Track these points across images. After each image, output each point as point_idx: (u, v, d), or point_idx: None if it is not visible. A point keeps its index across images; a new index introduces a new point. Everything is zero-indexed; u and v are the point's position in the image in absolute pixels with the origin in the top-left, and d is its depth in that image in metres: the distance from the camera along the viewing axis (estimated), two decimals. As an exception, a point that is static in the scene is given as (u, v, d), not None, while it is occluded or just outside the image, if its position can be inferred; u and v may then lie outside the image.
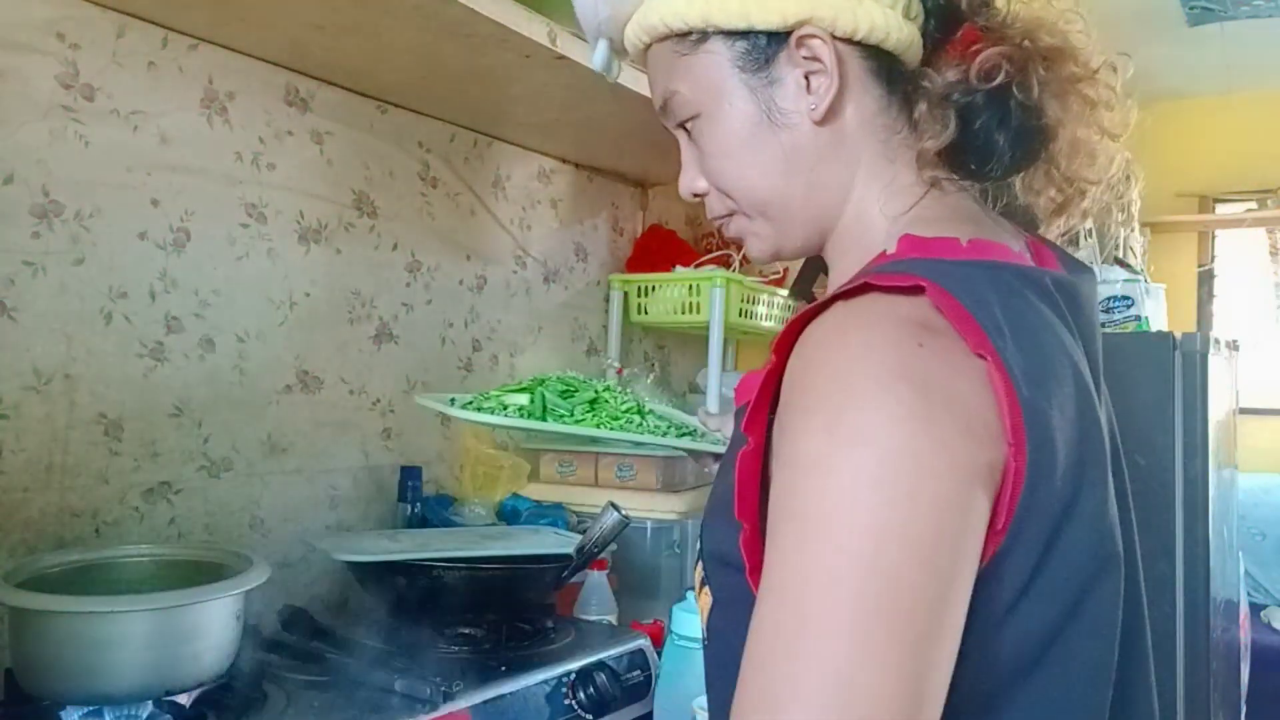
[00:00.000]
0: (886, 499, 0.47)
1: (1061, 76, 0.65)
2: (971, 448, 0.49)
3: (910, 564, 0.46)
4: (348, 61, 1.33)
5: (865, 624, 0.45)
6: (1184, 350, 1.78)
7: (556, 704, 1.08)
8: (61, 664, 0.84)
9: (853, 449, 0.48)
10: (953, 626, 0.48)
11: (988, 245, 0.62)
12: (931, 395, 0.49)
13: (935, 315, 0.53)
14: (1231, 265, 4.39)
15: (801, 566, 0.48)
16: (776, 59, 0.67)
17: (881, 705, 0.45)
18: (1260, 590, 3.14)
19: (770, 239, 0.72)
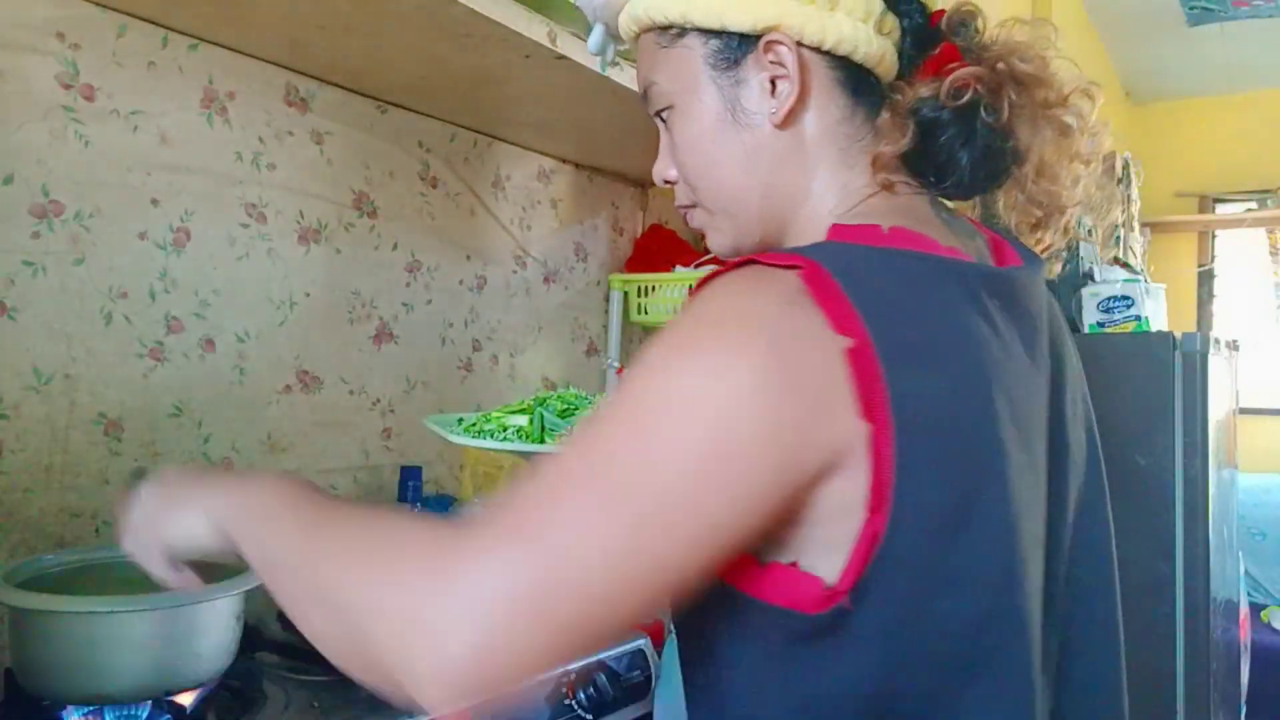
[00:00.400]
0: (680, 415, 0.52)
1: (1034, 101, 0.67)
2: (794, 410, 0.52)
3: (668, 467, 0.51)
4: (348, 61, 1.33)
5: (609, 503, 0.50)
6: (1184, 350, 1.78)
7: (556, 704, 1.08)
8: (61, 664, 0.84)
9: (683, 364, 0.53)
10: (692, 541, 0.51)
11: (911, 236, 0.63)
12: (771, 353, 0.52)
13: (801, 291, 0.54)
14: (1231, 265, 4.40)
15: (599, 434, 0.53)
16: (745, 60, 0.69)
17: (588, 571, 0.49)
18: (1260, 590, 3.14)
19: (729, 234, 0.75)
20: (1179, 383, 1.78)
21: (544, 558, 0.49)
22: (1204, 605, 1.73)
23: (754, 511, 0.52)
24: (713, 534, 0.52)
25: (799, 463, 0.52)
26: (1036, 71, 0.67)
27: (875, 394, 0.53)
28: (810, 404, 0.52)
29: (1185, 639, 1.72)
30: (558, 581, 0.49)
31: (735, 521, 0.52)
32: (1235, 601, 2.19)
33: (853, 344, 0.53)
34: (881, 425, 0.53)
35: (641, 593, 0.51)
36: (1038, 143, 0.67)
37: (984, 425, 0.57)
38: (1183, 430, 1.77)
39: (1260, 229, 4.20)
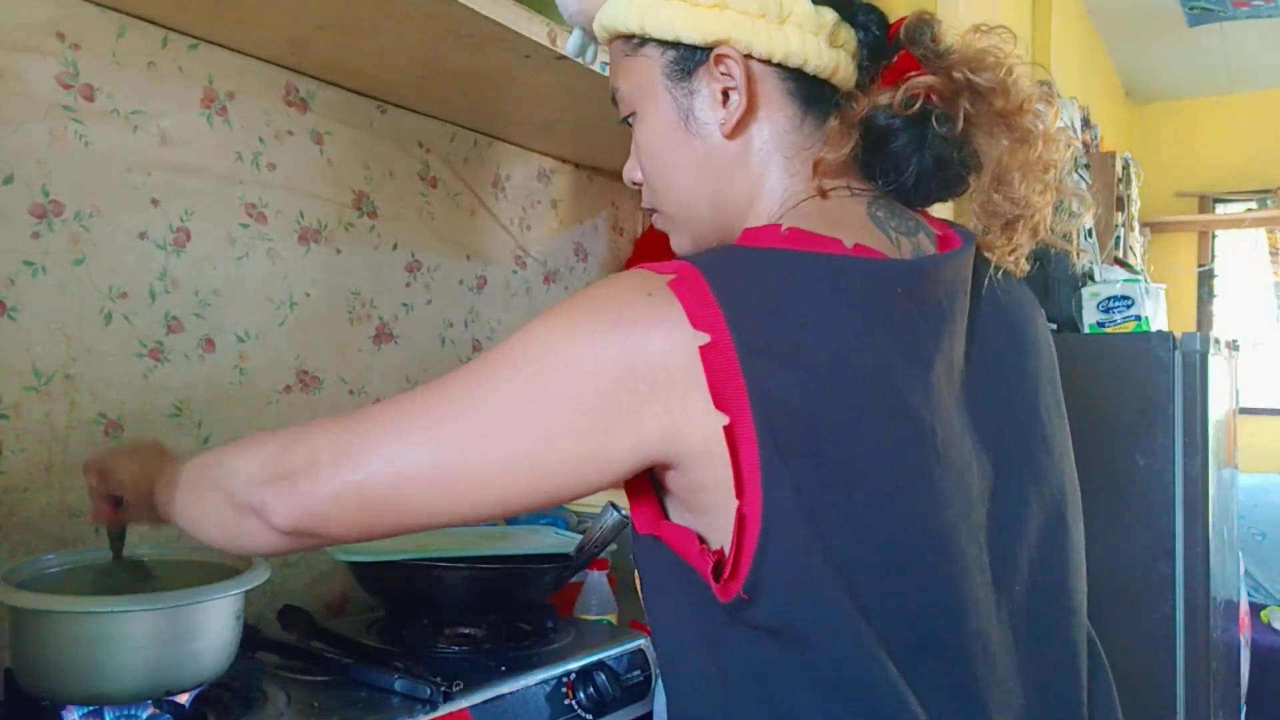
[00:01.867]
0: (529, 373, 0.60)
1: (992, 110, 0.69)
2: (628, 389, 0.58)
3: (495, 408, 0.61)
4: (348, 61, 1.33)
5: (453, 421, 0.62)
6: (1184, 350, 1.79)
7: (556, 704, 1.08)
8: (61, 664, 0.84)
9: (536, 337, 0.61)
10: (492, 464, 0.61)
11: (808, 237, 0.65)
12: (612, 327, 0.59)
13: (665, 291, 0.59)
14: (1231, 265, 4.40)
15: (455, 378, 0.63)
16: (698, 72, 0.72)
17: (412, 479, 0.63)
18: (1260, 590, 3.14)
19: (687, 236, 0.79)
20: (1179, 383, 1.78)
21: (364, 473, 0.63)
22: (1204, 605, 1.73)
23: (568, 458, 0.60)
24: (524, 468, 0.61)
25: (629, 433, 0.59)
26: (993, 80, 0.68)
27: (731, 387, 0.57)
28: (648, 387, 0.58)
29: (1185, 639, 1.72)
30: (366, 493, 0.63)
31: (549, 463, 0.60)
32: (1235, 601, 2.19)
33: (709, 340, 0.57)
34: (739, 416, 0.57)
35: (449, 499, 0.63)
36: (995, 151, 0.69)
37: (875, 419, 0.59)
38: (1183, 430, 1.77)
39: (1260, 229, 4.20)
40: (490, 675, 1.06)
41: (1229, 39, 3.60)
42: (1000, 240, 0.71)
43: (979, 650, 0.63)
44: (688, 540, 0.62)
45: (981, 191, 0.69)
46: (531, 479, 0.62)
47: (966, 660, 0.62)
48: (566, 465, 0.61)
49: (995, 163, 0.68)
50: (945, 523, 0.61)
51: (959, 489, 0.63)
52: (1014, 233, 0.70)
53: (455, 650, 1.18)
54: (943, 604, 0.61)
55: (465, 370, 0.64)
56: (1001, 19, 0.74)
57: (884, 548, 0.60)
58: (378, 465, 0.63)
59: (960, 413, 0.65)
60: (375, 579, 1.24)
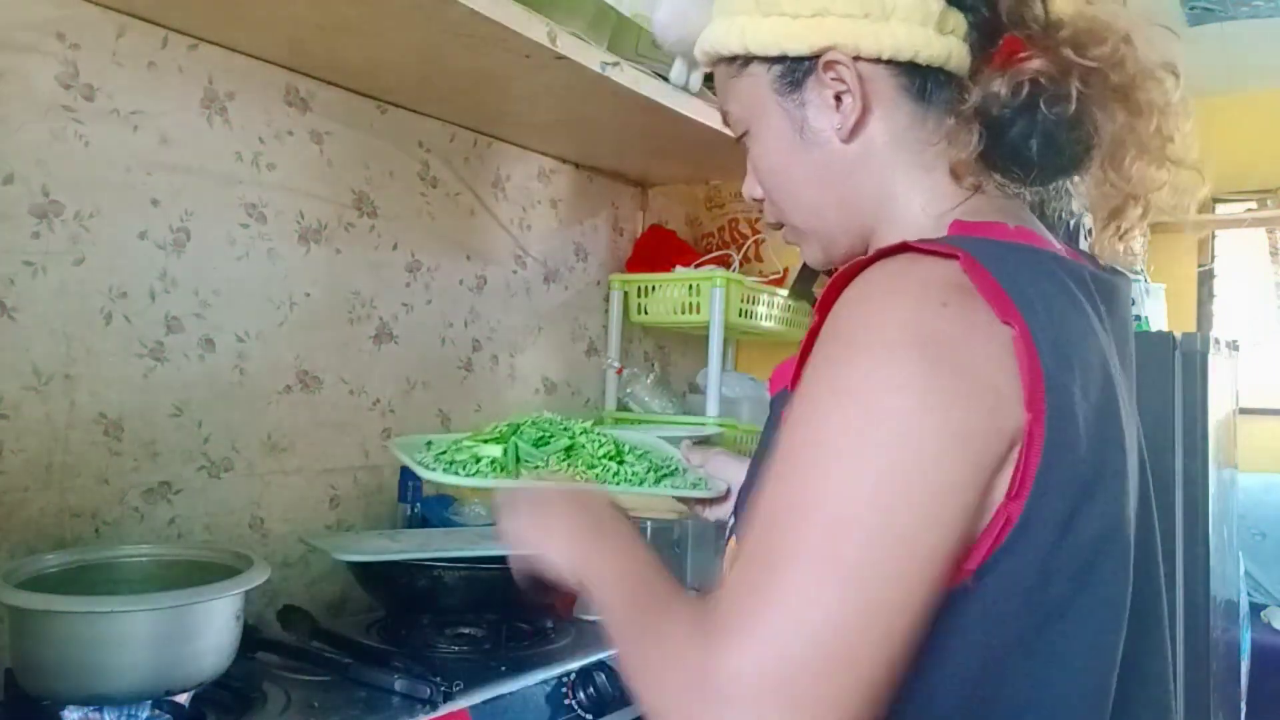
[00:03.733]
0: (863, 452, 0.52)
1: (1106, 85, 0.66)
2: (975, 412, 0.53)
3: (867, 510, 0.51)
4: (348, 61, 1.33)
5: (812, 554, 0.51)
6: (1184, 350, 1.78)
7: (556, 704, 1.08)
8: (61, 664, 0.84)
9: (849, 399, 0.54)
10: (910, 574, 0.51)
11: (1031, 234, 0.64)
12: (940, 360, 0.53)
13: (965, 279, 0.56)
14: (1231, 265, 4.39)
15: (791, 493, 0.54)
16: (807, 82, 0.71)
17: (831, 626, 0.50)
18: (1260, 590, 3.13)
19: (818, 247, 0.77)
20: (1179, 383, 1.78)
21: (779, 648, 0.50)
22: (1204, 605, 1.73)
23: (958, 519, 0.53)
24: (930, 556, 0.52)
25: (987, 461, 0.53)
26: (1104, 55, 0.65)
27: (1035, 384, 0.54)
28: (990, 400, 0.53)
29: (1185, 639, 1.72)
30: (800, 666, 0.49)
31: (945, 536, 0.52)
32: (1235, 601, 2.19)
33: (1016, 333, 0.54)
34: (1038, 415, 0.54)
35: (882, 642, 0.51)
36: (1110, 127, 0.66)
37: (1108, 422, 0.59)
38: (1183, 430, 1.77)
39: (1260, 229, 4.20)
40: (490, 675, 1.06)
41: (1229, 39, 3.60)
42: (1110, 225, 0.69)
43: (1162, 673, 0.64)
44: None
45: (1096, 170, 0.67)
46: (933, 565, 0.52)
47: (1161, 679, 0.63)
48: (958, 530, 0.53)
49: (1109, 139, 0.66)
50: (1128, 537, 0.61)
51: (1132, 499, 0.63)
52: (1123, 217, 0.68)
53: (455, 650, 1.18)
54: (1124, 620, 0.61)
55: (808, 482, 0.54)
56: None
57: (1101, 559, 0.59)
58: (801, 650, 0.50)
59: (1131, 424, 0.65)
60: (375, 579, 1.24)
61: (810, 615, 0.50)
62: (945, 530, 0.52)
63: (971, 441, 0.53)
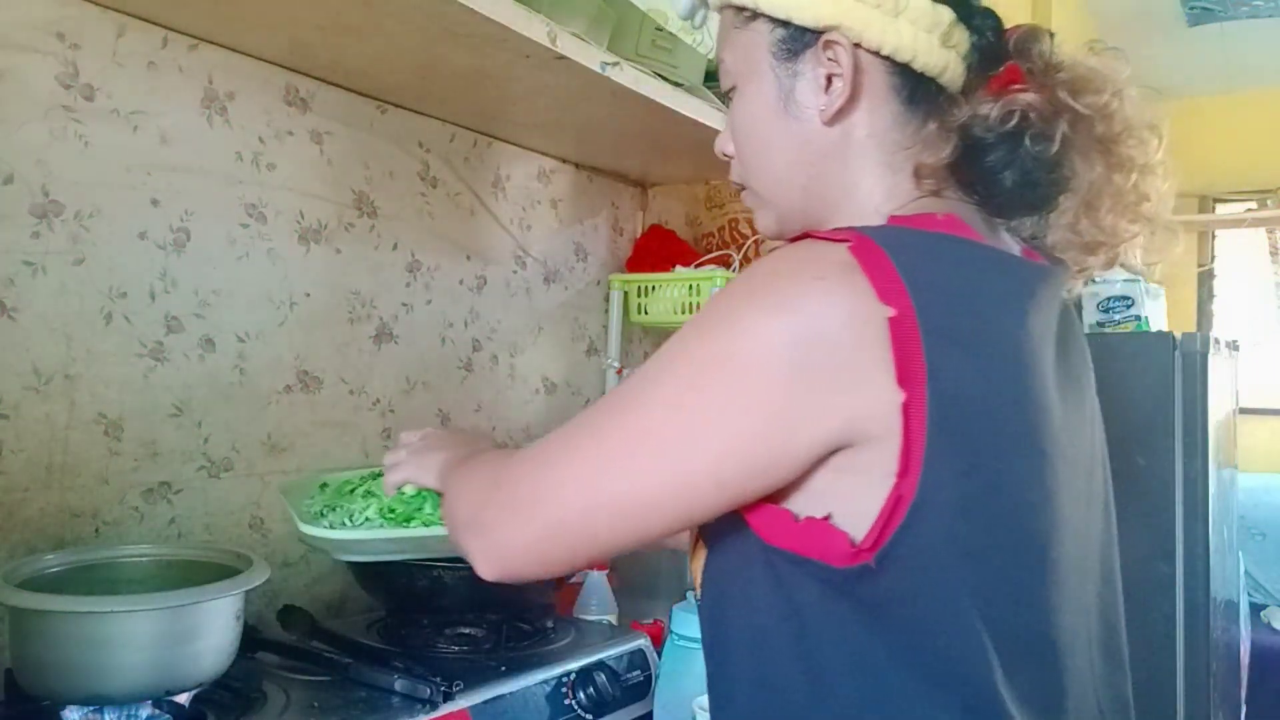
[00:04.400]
0: (704, 382, 0.59)
1: (1093, 136, 0.67)
2: (814, 378, 0.57)
3: (660, 427, 0.60)
4: (348, 61, 1.33)
5: (628, 447, 0.61)
6: (1184, 350, 1.78)
7: (556, 704, 1.08)
8: (61, 664, 0.84)
9: (703, 334, 0.61)
10: (671, 491, 0.61)
11: (959, 224, 0.65)
12: (794, 325, 0.57)
13: (851, 259, 0.58)
14: (1231, 265, 4.39)
15: (623, 402, 0.64)
16: (805, 54, 0.71)
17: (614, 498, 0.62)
18: (1260, 590, 3.14)
19: (774, 218, 0.78)
20: (1179, 383, 1.78)
21: (549, 518, 0.64)
22: (1204, 605, 1.73)
23: (746, 464, 0.59)
24: (701, 482, 0.60)
25: (820, 418, 0.57)
26: (1096, 105, 0.67)
27: (913, 364, 0.56)
28: (839, 366, 0.56)
29: (1185, 639, 1.72)
30: (556, 534, 0.64)
31: (718, 473, 0.59)
32: (1235, 601, 2.19)
33: (895, 314, 0.56)
34: (916, 395, 0.56)
35: (627, 536, 0.63)
36: (1089, 175, 0.67)
37: (1021, 411, 0.59)
38: (1183, 430, 1.77)
39: (1260, 229, 4.20)
40: (490, 675, 1.06)
41: (1229, 39, 3.60)
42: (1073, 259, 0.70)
43: (1069, 645, 0.64)
44: (780, 519, 0.61)
45: (1070, 214, 0.68)
46: (720, 494, 0.60)
47: (1058, 661, 0.63)
48: (754, 472, 0.59)
49: (1088, 187, 0.67)
50: (1059, 521, 0.62)
51: (1069, 487, 0.64)
52: (1091, 256, 0.69)
53: (455, 650, 1.18)
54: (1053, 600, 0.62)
55: (634, 390, 0.63)
56: (1002, 17, 0.74)
57: (1015, 540, 0.60)
58: (567, 511, 0.64)
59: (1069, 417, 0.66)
60: (375, 579, 1.24)
61: (577, 499, 0.63)
62: (721, 467, 0.59)
63: (802, 393, 0.57)
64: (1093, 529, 0.70)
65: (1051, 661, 0.62)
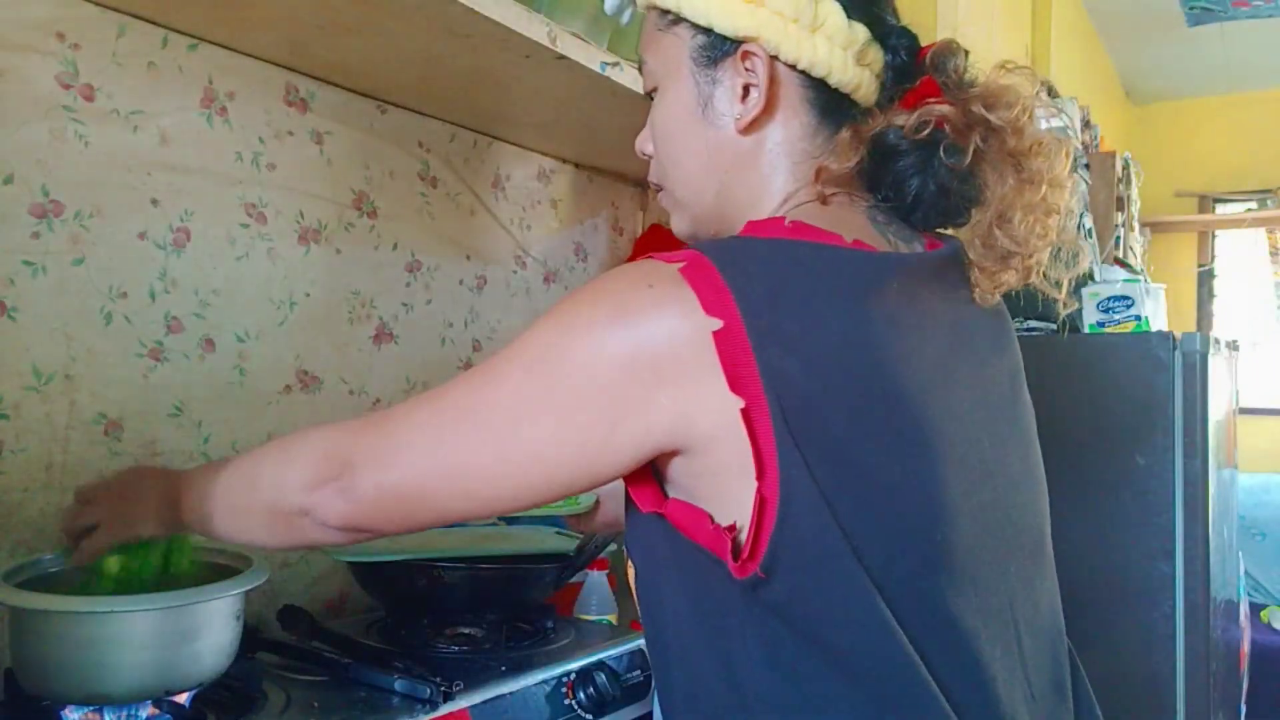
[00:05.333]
0: (536, 371, 0.63)
1: (1003, 148, 0.69)
2: (639, 377, 0.60)
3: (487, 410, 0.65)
4: (348, 61, 1.33)
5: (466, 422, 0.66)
6: (1184, 350, 1.79)
7: (556, 704, 1.08)
8: (61, 664, 0.84)
9: (540, 328, 0.64)
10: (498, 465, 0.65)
11: (811, 230, 0.67)
12: (618, 323, 0.61)
13: (677, 279, 0.61)
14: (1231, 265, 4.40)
15: (467, 380, 0.67)
16: (724, 62, 0.73)
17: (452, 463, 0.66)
18: (1260, 590, 3.14)
19: (688, 220, 0.80)
20: (1179, 383, 1.78)
21: (394, 476, 0.68)
22: (1204, 605, 1.73)
23: (577, 452, 0.63)
24: (535, 463, 0.64)
25: (641, 418, 0.61)
26: (1008, 119, 0.69)
27: (745, 371, 0.58)
28: (663, 372, 0.60)
29: (1185, 639, 1.72)
30: (401, 492, 0.68)
31: (559, 457, 0.63)
32: (1235, 601, 2.19)
33: (721, 325, 0.59)
34: (754, 399, 0.58)
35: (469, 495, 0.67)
36: (1001, 188, 0.69)
37: (875, 399, 0.61)
38: (1183, 430, 1.77)
39: (1260, 229, 4.20)
40: (490, 675, 1.06)
41: (1229, 39, 3.60)
42: (990, 277, 0.71)
43: (983, 628, 0.64)
44: (699, 519, 0.62)
45: (983, 226, 0.70)
46: (543, 474, 0.65)
47: (973, 638, 0.63)
48: (575, 459, 0.63)
49: (999, 200, 0.69)
50: (949, 502, 0.63)
51: (960, 469, 0.64)
52: (1005, 271, 0.71)
53: (455, 650, 1.18)
54: (948, 584, 0.63)
55: (477, 371, 0.67)
56: (1001, 18, 0.75)
57: (892, 527, 0.61)
58: (405, 469, 0.67)
59: (956, 398, 0.67)
60: (375, 579, 1.24)
61: (420, 458, 0.67)
62: (545, 453, 0.63)
63: (620, 395, 0.60)
64: (1012, 509, 0.70)
65: (963, 644, 0.63)
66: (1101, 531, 1.77)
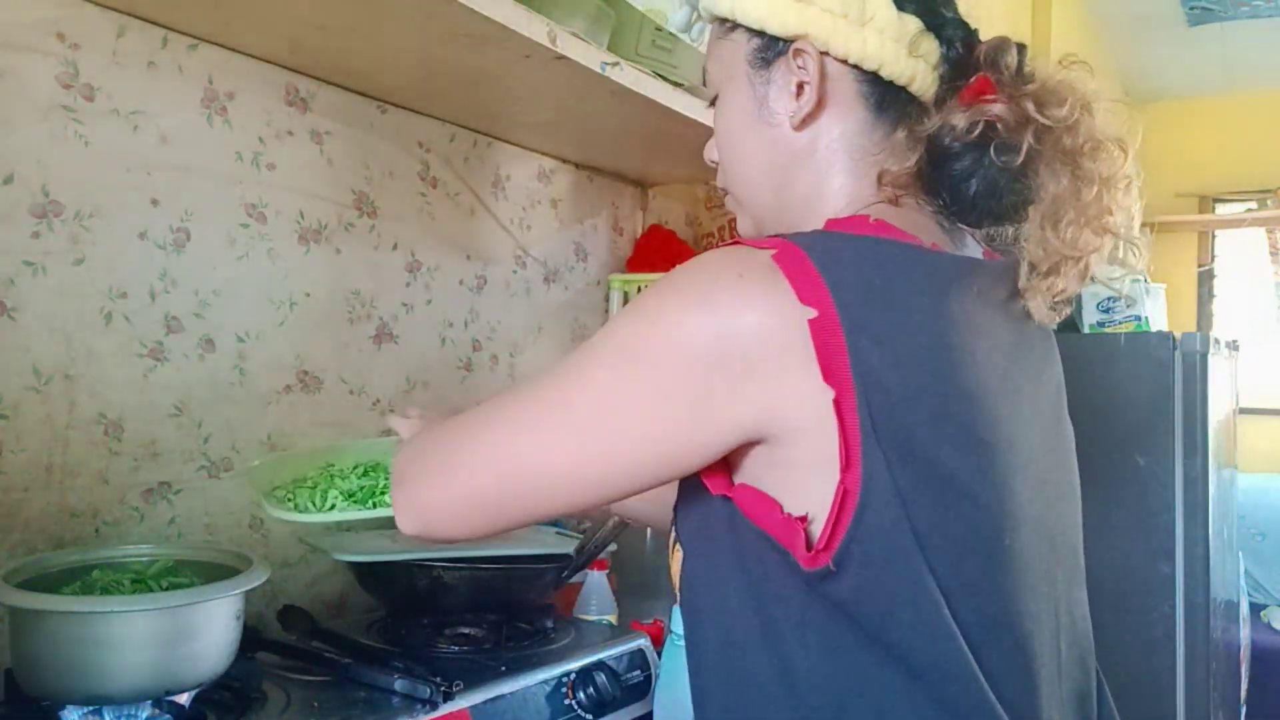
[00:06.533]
0: (622, 366, 0.62)
1: (1058, 148, 0.68)
2: (730, 365, 0.59)
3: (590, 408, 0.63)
4: (348, 61, 1.33)
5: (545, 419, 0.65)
6: (1184, 350, 1.78)
7: (556, 704, 1.08)
8: (61, 664, 0.84)
9: (628, 323, 0.64)
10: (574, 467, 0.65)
11: (893, 229, 0.67)
12: (713, 309, 0.60)
13: (770, 267, 0.60)
14: (1231, 265, 4.40)
15: (549, 378, 0.66)
16: (777, 62, 0.74)
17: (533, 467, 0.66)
18: (1260, 590, 3.14)
19: (750, 220, 0.81)
20: (1179, 383, 1.78)
21: (471, 483, 0.68)
22: (1204, 605, 1.73)
23: (662, 446, 0.62)
24: (620, 459, 0.63)
25: (731, 408, 0.60)
26: (1062, 117, 0.68)
27: (838, 361, 0.58)
28: (754, 360, 0.59)
29: (1185, 639, 1.72)
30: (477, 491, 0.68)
31: (643, 453, 0.62)
32: (1235, 601, 2.19)
33: (816, 315, 0.58)
34: (844, 389, 0.58)
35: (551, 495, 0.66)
36: (1054, 187, 0.68)
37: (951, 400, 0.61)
38: (1183, 430, 1.77)
39: (1260, 229, 4.20)
40: (490, 675, 1.06)
41: (1229, 39, 3.60)
42: (1043, 282, 0.69)
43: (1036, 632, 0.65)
44: (769, 507, 0.62)
45: (1034, 226, 0.69)
46: (629, 465, 0.64)
47: (1027, 644, 0.64)
48: (663, 450, 0.63)
49: (1052, 199, 0.68)
50: (1016, 509, 0.63)
51: (1023, 477, 0.65)
52: (1058, 275, 0.69)
53: (455, 650, 1.18)
54: (1012, 588, 0.63)
55: (559, 368, 0.66)
56: (1002, 18, 0.75)
57: (963, 529, 0.61)
58: (482, 475, 0.67)
59: (1021, 406, 0.67)
60: (375, 579, 1.24)
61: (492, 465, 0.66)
62: (630, 446, 0.63)
63: (709, 393, 0.60)
64: (1059, 520, 0.71)
65: (1019, 651, 0.63)
66: (1101, 531, 1.77)
